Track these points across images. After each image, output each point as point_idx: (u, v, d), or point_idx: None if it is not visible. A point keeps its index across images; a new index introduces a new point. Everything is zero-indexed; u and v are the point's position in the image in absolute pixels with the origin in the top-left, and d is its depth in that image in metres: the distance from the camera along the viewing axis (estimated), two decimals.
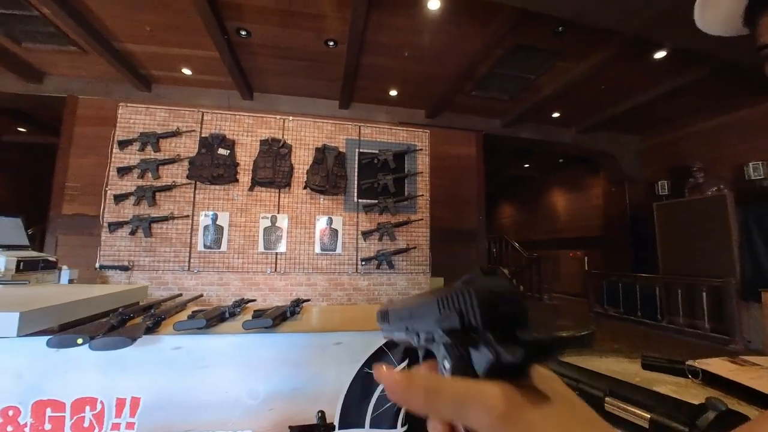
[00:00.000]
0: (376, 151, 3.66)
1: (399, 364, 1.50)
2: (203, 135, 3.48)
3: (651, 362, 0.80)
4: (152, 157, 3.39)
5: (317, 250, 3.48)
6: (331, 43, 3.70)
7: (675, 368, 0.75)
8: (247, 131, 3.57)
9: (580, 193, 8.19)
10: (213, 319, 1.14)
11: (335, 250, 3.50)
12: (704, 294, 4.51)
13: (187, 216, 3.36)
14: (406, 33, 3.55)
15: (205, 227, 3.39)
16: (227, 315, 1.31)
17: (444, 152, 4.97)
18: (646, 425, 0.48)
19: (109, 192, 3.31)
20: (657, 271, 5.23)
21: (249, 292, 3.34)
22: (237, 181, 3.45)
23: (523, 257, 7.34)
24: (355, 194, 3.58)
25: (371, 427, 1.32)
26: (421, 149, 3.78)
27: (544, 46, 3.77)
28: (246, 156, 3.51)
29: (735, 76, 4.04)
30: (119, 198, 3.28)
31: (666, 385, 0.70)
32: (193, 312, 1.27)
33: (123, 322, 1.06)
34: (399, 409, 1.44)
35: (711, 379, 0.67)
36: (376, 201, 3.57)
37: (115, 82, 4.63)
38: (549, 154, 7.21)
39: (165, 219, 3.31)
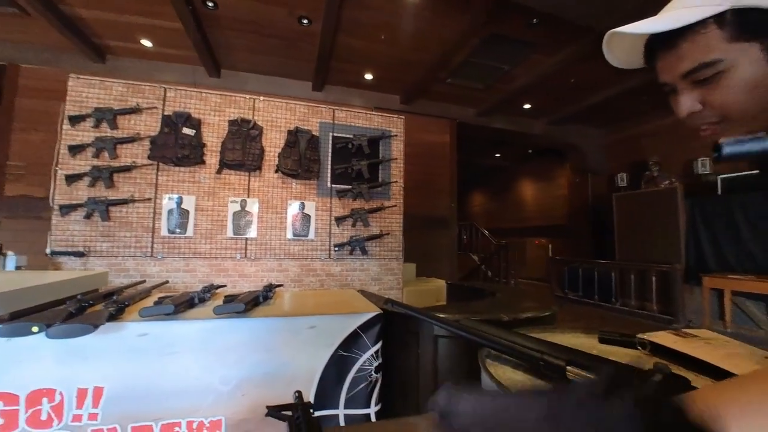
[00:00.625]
0: (351, 136, 3.60)
1: (373, 346, 1.52)
2: (166, 113, 3.28)
3: (606, 337, 0.88)
4: (108, 134, 3.15)
5: (289, 235, 3.41)
6: (305, 21, 3.56)
7: (627, 341, 0.83)
8: (214, 110, 3.39)
9: (547, 183, 8.52)
10: (181, 304, 1.10)
11: (308, 236, 3.45)
12: (654, 278, 4.87)
13: (149, 199, 3.17)
14: (384, 14, 3.48)
15: (170, 211, 3.23)
16: (196, 301, 1.27)
17: (418, 139, 4.98)
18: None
19: (59, 172, 3.06)
20: (614, 257, 5.58)
21: (218, 279, 3.24)
22: (204, 162, 3.29)
23: (492, 244, 7.58)
24: (329, 179, 3.52)
25: (345, 407, 1.34)
26: (396, 135, 3.76)
27: (519, 38, 3.82)
28: (213, 137, 3.34)
29: None
30: (72, 179, 3.04)
31: (619, 356, 0.76)
32: (159, 298, 1.21)
33: (82, 310, 0.99)
34: (372, 390, 1.47)
35: (658, 350, 0.74)
36: (350, 186, 3.53)
37: (63, 51, 4.23)
38: (519, 144, 7.41)
39: (124, 202, 3.12)
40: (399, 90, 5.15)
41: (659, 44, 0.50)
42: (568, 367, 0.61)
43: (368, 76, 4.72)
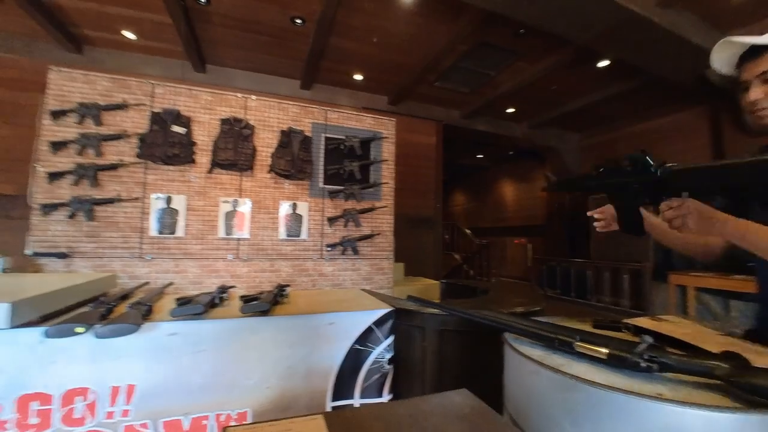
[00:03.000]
0: (343, 137, 3.64)
1: (385, 339, 1.59)
2: (155, 110, 3.21)
3: (599, 323, 1.09)
4: (93, 131, 3.06)
5: (281, 235, 3.42)
6: (299, 21, 3.57)
7: (616, 326, 1.04)
8: (204, 108, 3.35)
9: (526, 184, 8.82)
10: (206, 305, 1.13)
11: (300, 236, 3.47)
12: (625, 276, 5.18)
13: (137, 198, 3.10)
14: (377, 19, 3.53)
15: (159, 211, 3.17)
16: (217, 301, 1.30)
17: (406, 140, 5.06)
18: (605, 357, 0.72)
19: (39, 169, 2.94)
20: (589, 257, 5.89)
21: (209, 280, 3.21)
22: (194, 162, 3.24)
23: (474, 244, 7.79)
24: (321, 180, 3.55)
25: (361, 397, 1.41)
26: (387, 137, 3.83)
27: (505, 46, 3.98)
28: (204, 135, 3.30)
29: (659, 90, 4.62)
30: (54, 176, 2.93)
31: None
32: (178, 299, 1.23)
33: (110, 311, 1.01)
34: (384, 381, 1.55)
35: (639, 332, 0.94)
36: (342, 187, 3.57)
37: (36, 39, 4.03)
38: (501, 146, 7.64)
39: (110, 201, 3.03)
40: (387, 91, 5.21)
41: (750, 53, 0.79)
42: (577, 343, 0.78)
43: (358, 77, 4.76)
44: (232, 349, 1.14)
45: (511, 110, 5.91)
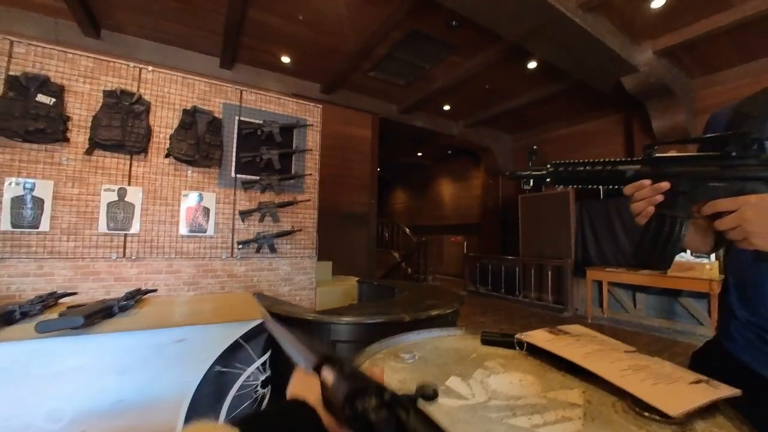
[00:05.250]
0: (261, 122, 3.26)
1: (259, 357, 1.30)
2: (12, 73, 2.57)
3: (488, 338, 0.88)
4: None
5: (183, 231, 2.95)
6: None
7: (508, 342, 0.84)
8: (84, 76, 2.77)
9: (464, 183, 9.00)
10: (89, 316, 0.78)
11: (206, 232, 3.03)
12: (549, 272, 5.42)
13: None
14: None
15: (16, 199, 2.54)
16: (17, 316, 0.95)
17: (338, 131, 4.79)
18: None
19: None
20: (518, 254, 6.09)
21: (85, 284, 2.67)
22: (67, 140, 2.66)
23: (413, 241, 7.75)
24: (233, 168, 3.14)
25: None
26: (312, 125, 3.52)
27: (439, 38, 3.87)
28: (81, 109, 2.73)
29: (583, 95, 4.86)
30: None
31: (497, 358, 0.77)
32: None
33: None
34: (259, 407, 1.27)
35: (532, 350, 0.77)
36: (258, 177, 3.20)
37: None
38: (439, 144, 7.67)
39: None
40: (320, 78, 4.88)
41: None
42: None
43: (285, 59, 4.37)
44: (25, 383, 0.88)
45: (447, 108, 5.90)
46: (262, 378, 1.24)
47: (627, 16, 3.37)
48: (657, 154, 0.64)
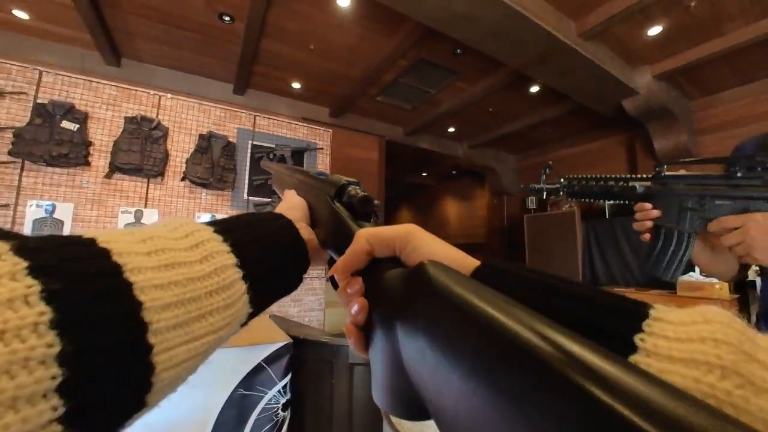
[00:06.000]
0: (273, 146, 3.37)
1: (281, 380, 1.32)
2: (40, 101, 2.71)
3: None
4: None
5: None
6: (227, 18, 3.29)
7: None
8: (107, 104, 2.91)
9: (469, 203, 9.06)
10: None
11: None
12: None
13: (7, 205, 2.55)
14: (313, 24, 3.37)
15: (37, 221, 2.63)
16: None
17: (346, 154, 4.90)
18: None
19: None
20: None
21: None
22: (88, 164, 2.77)
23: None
24: (246, 191, 3.23)
25: None
26: (323, 148, 3.63)
27: (444, 65, 4.02)
28: (103, 134, 2.85)
29: (586, 116, 4.97)
30: None
31: None
32: None
33: None
34: (280, 429, 1.28)
35: None
36: (270, 200, 3.28)
37: None
38: (444, 165, 7.78)
39: None
40: (329, 102, 5.04)
41: None
42: None
43: (296, 85, 4.53)
44: None
45: (452, 130, 6.03)
46: (283, 401, 1.25)
47: (625, 43, 3.50)
48: (666, 173, 0.70)
